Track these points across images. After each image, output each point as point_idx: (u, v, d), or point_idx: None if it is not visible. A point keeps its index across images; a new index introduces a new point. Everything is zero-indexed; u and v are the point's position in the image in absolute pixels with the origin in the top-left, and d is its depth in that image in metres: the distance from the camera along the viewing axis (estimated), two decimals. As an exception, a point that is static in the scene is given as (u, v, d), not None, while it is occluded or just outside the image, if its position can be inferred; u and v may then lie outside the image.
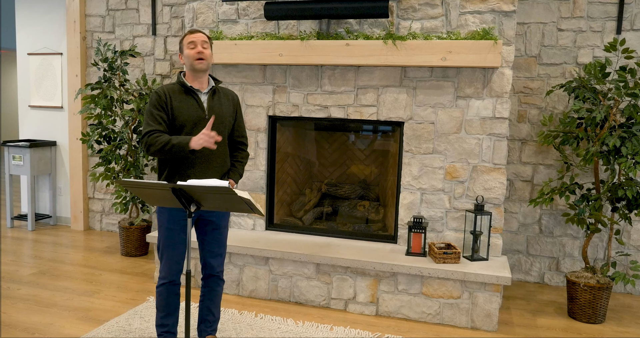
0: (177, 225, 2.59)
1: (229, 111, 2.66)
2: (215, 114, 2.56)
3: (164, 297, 2.66)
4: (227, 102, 2.66)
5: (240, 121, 2.76)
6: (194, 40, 2.53)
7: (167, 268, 2.62)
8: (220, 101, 2.63)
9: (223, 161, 2.66)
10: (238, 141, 2.76)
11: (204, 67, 2.54)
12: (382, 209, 4.20)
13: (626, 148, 3.19)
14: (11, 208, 5.44)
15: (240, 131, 2.77)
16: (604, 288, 3.36)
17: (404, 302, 3.41)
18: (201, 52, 2.51)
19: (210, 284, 2.76)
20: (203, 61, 2.52)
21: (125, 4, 4.98)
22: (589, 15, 3.86)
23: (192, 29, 2.60)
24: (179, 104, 2.54)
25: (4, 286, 3.78)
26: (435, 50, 3.38)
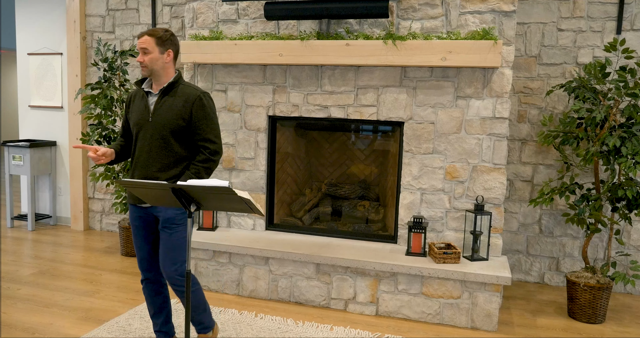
0: (137, 221, 2.63)
1: (174, 112, 2.49)
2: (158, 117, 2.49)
3: (146, 295, 2.73)
4: (176, 102, 2.51)
5: (201, 123, 2.52)
6: (137, 47, 2.53)
7: (138, 265, 2.70)
8: (167, 101, 2.51)
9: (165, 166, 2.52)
10: (199, 145, 2.56)
11: (147, 74, 2.51)
12: (382, 209, 4.20)
13: (626, 148, 3.19)
14: (11, 208, 5.44)
15: (202, 133, 2.53)
16: (604, 288, 3.36)
17: (404, 302, 3.41)
18: (141, 61, 2.48)
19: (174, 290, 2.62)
20: (144, 68, 2.49)
21: (125, 4, 4.98)
22: (589, 15, 3.86)
23: (140, 33, 2.54)
24: (133, 107, 2.59)
25: (4, 286, 3.78)
26: (435, 50, 3.38)
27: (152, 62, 2.47)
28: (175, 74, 2.56)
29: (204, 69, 4.06)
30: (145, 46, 2.46)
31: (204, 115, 2.53)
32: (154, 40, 2.47)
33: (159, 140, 2.50)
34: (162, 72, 2.52)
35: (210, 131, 2.55)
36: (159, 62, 2.49)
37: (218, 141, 2.57)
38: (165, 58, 2.51)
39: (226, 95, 4.03)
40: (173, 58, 2.55)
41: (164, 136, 2.50)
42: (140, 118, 2.53)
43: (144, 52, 2.47)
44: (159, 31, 2.50)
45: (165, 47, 2.50)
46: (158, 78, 2.53)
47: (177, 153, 2.53)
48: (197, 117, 2.51)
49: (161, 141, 2.51)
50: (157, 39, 2.48)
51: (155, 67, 2.49)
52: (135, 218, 2.63)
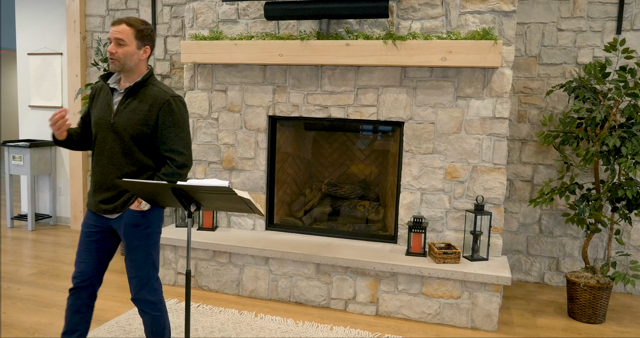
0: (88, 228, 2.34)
1: (137, 116, 2.21)
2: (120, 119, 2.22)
3: (67, 307, 2.37)
4: (140, 106, 2.22)
5: (167, 131, 2.23)
6: (110, 36, 2.18)
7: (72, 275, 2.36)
8: (132, 103, 2.23)
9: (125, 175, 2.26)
10: (165, 155, 2.27)
11: (117, 69, 2.20)
12: (382, 209, 4.20)
13: (626, 148, 3.19)
14: (11, 208, 5.44)
15: (169, 143, 2.24)
16: (604, 288, 3.36)
17: (404, 302, 3.41)
18: (112, 53, 2.17)
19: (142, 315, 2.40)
20: (115, 61, 2.18)
21: (125, 4, 4.98)
22: (589, 15, 3.86)
23: (116, 20, 2.20)
24: (96, 104, 2.31)
25: (4, 286, 3.78)
26: (435, 50, 3.38)
27: (126, 56, 2.18)
28: (146, 72, 2.28)
29: (204, 69, 4.06)
30: (123, 36, 2.17)
31: (173, 122, 2.23)
32: (133, 33, 2.18)
33: (120, 146, 2.23)
34: (134, 69, 2.23)
35: (179, 140, 2.25)
36: (134, 57, 2.21)
37: (187, 153, 2.27)
38: (142, 54, 2.23)
39: (226, 95, 4.03)
40: (149, 56, 2.28)
41: (125, 143, 2.22)
42: (101, 118, 2.26)
43: (119, 44, 2.17)
44: (139, 23, 2.21)
45: (144, 42, 2.23)
46: (128, 75, 2.25)
47: (140, 161, 2.26)
48: (164, 124, 2.22)
49: (122, 147, 2.23)
50: (136, 32, 2.19)
51: (128, 62, 2.20)
52: (90, 226, 2.33)
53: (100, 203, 2.29)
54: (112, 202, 2.29)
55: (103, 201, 2.29)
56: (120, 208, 2.29)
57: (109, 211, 2.29)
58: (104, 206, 2.29)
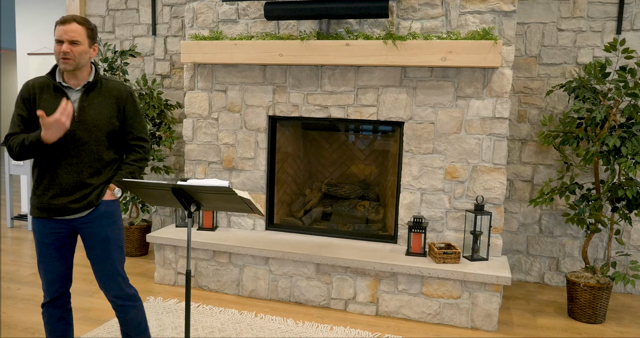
0: (49, 238, 2.26)
1: (107, 111, 2.26)
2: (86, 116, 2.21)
3: (45, 320, 2.35)
4: (106, 101, 2.26)
5: (133, 122, 2.34)
6: (60, 37, 2.14)
7: (43, 287, 2.32)
8: (96, 99, 2.24)
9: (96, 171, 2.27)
10: (132, 144, 2.36)
11: (70, 68, 2.16)
12: (382, 209, 4.20)
13: (626, 148, 3.19)
14: (11, 208, 5.44)
15: (135, 132, 2.35)
16: (604, 288, 3.36)
17: (404, 302, 3.41)
18: (66, 52, 2.13)
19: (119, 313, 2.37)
20: (69, 61, 2.14)
21: (125, 4, 4.98)
22: (589, 15, 3.86)
23: (66, 17, 2.16)
24: (43, 103, 2.19)
25: (4, 286, 3.78)
26: (435, 50, 3.38)
27: (81, 55, 2.16)
28: (93, 68, 2.29)
29: (204, 69, 4.06)
30: (77, 37, 2.14)
31: (136, 112, 2.35)
32: (85, 32, 2.17)
33: (91, 143, 2.23)
34: (85, 67, 2.23)
35: (143, 128, 2.38)
36: (86, 56, 2.20)
37: (149, 140, 2.43)
38: (92, 52, 2.23)
39: (226, 95, 4.03)
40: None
41: (97, 139, 2.23)
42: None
43: (73, 43, 2.14)
44: (87, 22, 2.21)
45: (93, 40, 2.24)
46: (79, 74, 2.22)
47: (108, 155, 2.29)
48: (130, 114, 2.33)
49: (93, 144, 2.23)
50: (88, 30, 2.19)
51: (82, 61, 2.18)
52: (46, 235, 2.26)
53: (71, 203, 2.23)
54: (85, 199, 2.24)
55: (74, 201, 2.23)
56: (95, 201, 2.27)
57: (82, 208, 2.24)
58: (76, 205, 2.23)
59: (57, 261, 2.29)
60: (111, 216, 2.32)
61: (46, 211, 2.24)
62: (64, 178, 2.22)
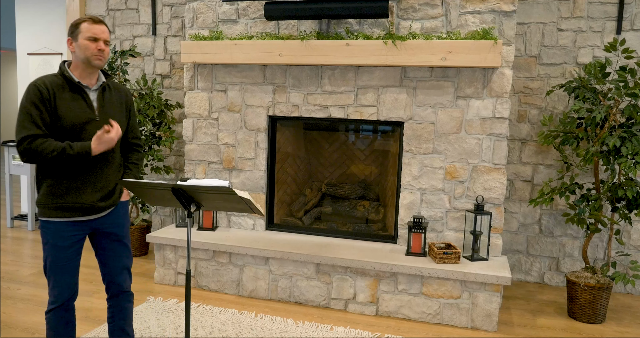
0: (68, 241, 2.25)
1: (121, 110, 2.37)
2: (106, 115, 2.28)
3: (52, 325, 2.28)
4: (118, 100, 2.36)
5: (134, 121, 2.47)
6: (97, 35, 2.19)
7: (56, 292, 2.26)
8: (111, 99, 2.33)
9: (119, 166, 2.39)
10: (132, 142, 2.48)
11: (102, 65, 2.24)
12: (382, 209, 4.20)
13: (626, 148, 3.19)
14: (11, 208, 5.44)
15: (135, 131, 2.48)
16: (604, 288, 3.36)
17: (404, 302, 3.41)
18: (102, 50, 2.20)
19: (120, 302, 2.47)
20: (102, 59, 2.22)
21: (125, 4, 4.98)
22: (589, 15, 3.86)
23: (95, 18, 2.23)
24: (64, 103, 2.18)
25: (4, 286, 3.78)
26: (435, 50, 3.38)
27: (108, 55, 2.27)
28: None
29: (204, 69, 4.06)
30: (108, 38, 2.26)
31: (134, 112, 2.49)
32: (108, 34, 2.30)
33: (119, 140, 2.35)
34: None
35: (138, 127, 2.54)
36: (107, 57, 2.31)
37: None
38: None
39: (226, 95, 4.03)
40: None
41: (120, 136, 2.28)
42: (82, 116, 2.20)
43: (106, 43, 2.23)
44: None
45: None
46: (96, 74, 2.29)
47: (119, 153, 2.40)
48: (133, 114, 2.47)
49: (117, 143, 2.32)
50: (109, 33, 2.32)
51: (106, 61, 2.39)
52: (65, 238, 2.24)
53: (99, 201, 2.29)
54: (110, 197, 2.34)
55: (101, 199, 2.30)
56: (117, 200, 2.39)
57: (107, 207, 2.34)
58: (103, 203, 2.31)
59: (74, 263, 2.30)
60: (126, 214, 2.46)
61: (69, 211, 2.22)
62: (97, 177, 2.26)
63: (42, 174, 2.23)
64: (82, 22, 2.20)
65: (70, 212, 2.23)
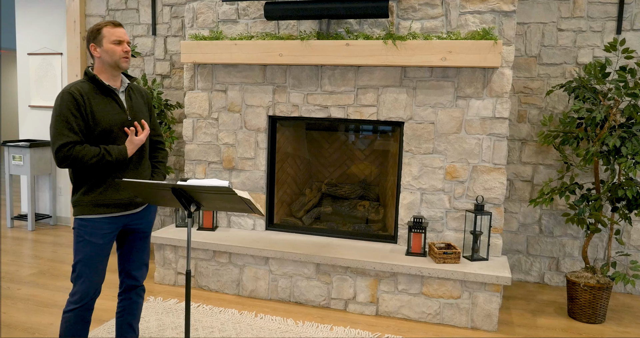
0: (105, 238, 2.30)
1: (145, 110, 2.46)
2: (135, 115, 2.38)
3: (71, 324, 2.28)
4: (141, 101, 2.45)
5: (154, 119, 2.55)
6: (121, 38, 2.28)
7: (82, 290, 2.27)
8: (137, 100, 2.43)
9: (148, 164, 2.49)
10: (155, 140, 2.57)
11: (128, 67, 2.36)
12: (382, 209, 4.20)
13: (626, 148, 3.19)
14: (11, 208, 5.44)
15: (157, 129, 2.57)
16: (604, 288, 3.36)
17: (404, 302, 3.41)
18: (128, 51, 2.29)
19: (132, 296, 2.52)
20: (129, 61, 2.31)
21: (125, 4, 4.98)
22: (589, 15, 3.86)
23: (115, 22, 2.31)
24: (99, 107, 2.24)
25: (4, 286, 3.78)
26: (435, 50, 3.38)
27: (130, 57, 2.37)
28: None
29: (204, 69, 4.06)
30: (128, 39, 2.34)
31: (154, 111, 2.58)
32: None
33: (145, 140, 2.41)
34: None
35: (159, 125, 2.63)
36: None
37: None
38: None
39: (226, 95, 4.03)
40: None
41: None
42: (117, 119, 2.29)
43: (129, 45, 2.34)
44: None
45: None
46: (119, 76, 2.37)
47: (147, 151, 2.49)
48: (152, 112, 2.55)
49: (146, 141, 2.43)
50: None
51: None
52: (102, 236, 2.29)
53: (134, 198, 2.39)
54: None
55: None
56: None
57: (143, 202, 2.43)
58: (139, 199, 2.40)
59: (105, 262, 2.34)
60: (155, 211, 2.56)
61: (110, 207, 2.29)
62: (127, 175, 2.33)
63: (80, 175, 2.29)
64: (103, 27, 2.26)
65: (111, 208, 2.30)
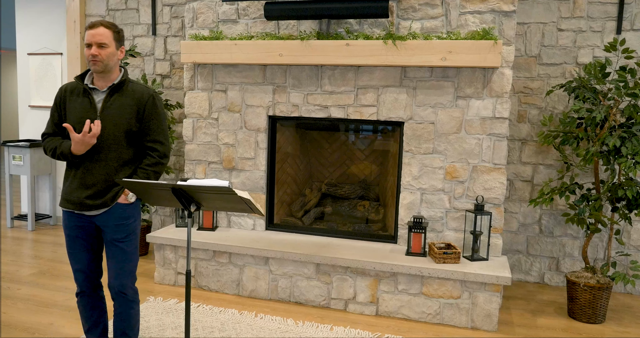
0: (74, 231, 2.40)
1: (127, 112, 2.35)
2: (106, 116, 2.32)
3: (80, 308, 2.55)
4: (128, 102, 2.36)
5: (152, 124, 2.40)
6: (89, 41, 2.28)
7: (74, 278, 2.49)
8: (118, 100, 2.35)
9: (114, 169, 2.36)
10: (147, 146, 2.42)
11: (100, 69, 2.30)
12: (382, 209, 4.20)
13: (626, 148, 3.19)
14: (11, 208, 5.44)
15: (152, 134, 2.41)
16: (604, 288, 3.36)
17: (404, 302, 3.41)
18: (95, 55, 2.27)
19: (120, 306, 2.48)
20: (98, 63, 2.28)
21: (125, 4, 4.98)
22: (589, 15, 3.86)
23: (91, 23, 2.29)
24: (71, 104, 2.35)
25: (4, 286, 3.78)
26: (435, 50, 3.38)
27: (108, 57, 2.30)
28: (122, 71, 2.42)
29: (204, 69, 4.06)
30: (104, 39, 2.28)
31: (156, 115, 2.41)
32: (112, 34, 2.31)
33: (110, 141, 2.33)
34: (113, 69, 2.36)
35: (161, 132, 2.43)
36: (114, 58, 2.33)
37: (167, 143, 2.45)
38: (119, 55, 2.37)
39: (226, 95, 4.03)
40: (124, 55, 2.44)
41: (115, 137, 2.33)
42: (83, 117, 2.32)
43: (101, 46, 2.28)
44: (113, 26, 2.35)
45: (120, 42, 2.37)
46: (108, 75, 2.35)
47: (125, 154, 2.38)
48: (149, 117, 2.39)
49: (112, 143, 2.34)
50: (115, 33, 2.33)
51: (109, 63, 2.32)
52: (72, 228, 2.40)
53: (87, 199, 2.35)
54: (100, 197, 2.36)
55: (89, 197, 2.35)
56: (110, 202, 2.38)
57: (96, 206, 2.36)
58: (91, 201, 2.35)
59: (81, 253, 2.43)
60: (125, 219, 2.42)
61: (68, 204, 2.39)
62: (85, 174, 2.35)
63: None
64: (86, 30, 2.32)
65: (67, 204, 2.39)
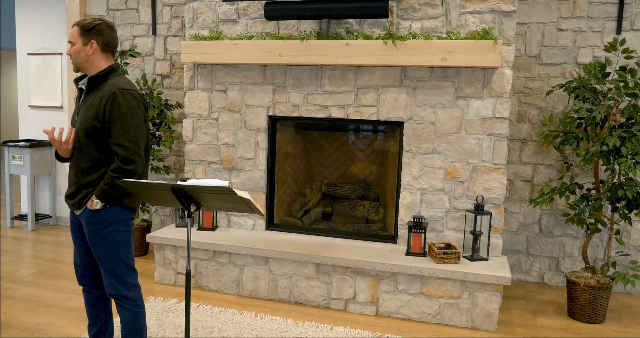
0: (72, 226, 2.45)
1: (92, 111, 2.22)
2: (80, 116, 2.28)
3: (84, 301, 2.56)
4: (95, 100, 2.23)
5: (112, 125, 2.20)
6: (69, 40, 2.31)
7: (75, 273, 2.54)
8: (90, 100, 2.27)
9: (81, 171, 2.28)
10: (112, 150, 2.24)
11: (74, 68, 2.30)
12: (382, 209, 4.20)
13: (626, 148, 3.19)
14: (11, 208, 5.44)
15: (115, 137, 2.20)
16: (604, 288, 3.36)
17: (404, 302, 3.41)
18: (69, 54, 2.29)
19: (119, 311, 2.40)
20: (72, 62, 2.30)
21: (125, 4, 4.98)
22: (589, 15, 3.86)
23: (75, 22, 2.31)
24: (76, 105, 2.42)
25: (4, 286, 3.78)
26: (435, 50, 3.38)
27: (75, 55, 2.26)
28: (106, 67, 2.28)
29: (204, 69, 4.06)
30: (71, 37, 2.26)
31: (118, 115, 2.19)
32: (77, 31, 2.24)
33: (78, 142, 2.27)
34: (86, 65, 2.27)
35: (124, 134, 2.19)
36: (81, 54, 2.25)
37: (132, 147, 2.21)
38: (88, 50, 2.24)
39: (226, 95, 4.03)
40: (100, 50, 2.27)
41: (80, 138, 2.26)
42: (73, 117, 2.38)
43: (70, 45, 2.27)
44: (86, 20, 2.26)
45: (87, 37, 2.24)
46: (87, 73, 2.30)
47: (93, 156, 2.25)
48: (110, 117, 2.19)
49: (79, 143, 2.27)
50: (80, 29, 2.24)
51: (78, 60, 2.26)
52: (71, 224, 2.45)
53: (67, 198, 2.39)
54: (72, 198, 2.37)
55: (68, 197, 2.39)
56: (78, 205, 2.33)
57: (72, 206, 2.38)
58: (69, 201, 2.38)
59: (77, 249, 2.47)
60: (96, 225, 2.29)
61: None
62: (68, 173, 2.39)
63: None
64: None
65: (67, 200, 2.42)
